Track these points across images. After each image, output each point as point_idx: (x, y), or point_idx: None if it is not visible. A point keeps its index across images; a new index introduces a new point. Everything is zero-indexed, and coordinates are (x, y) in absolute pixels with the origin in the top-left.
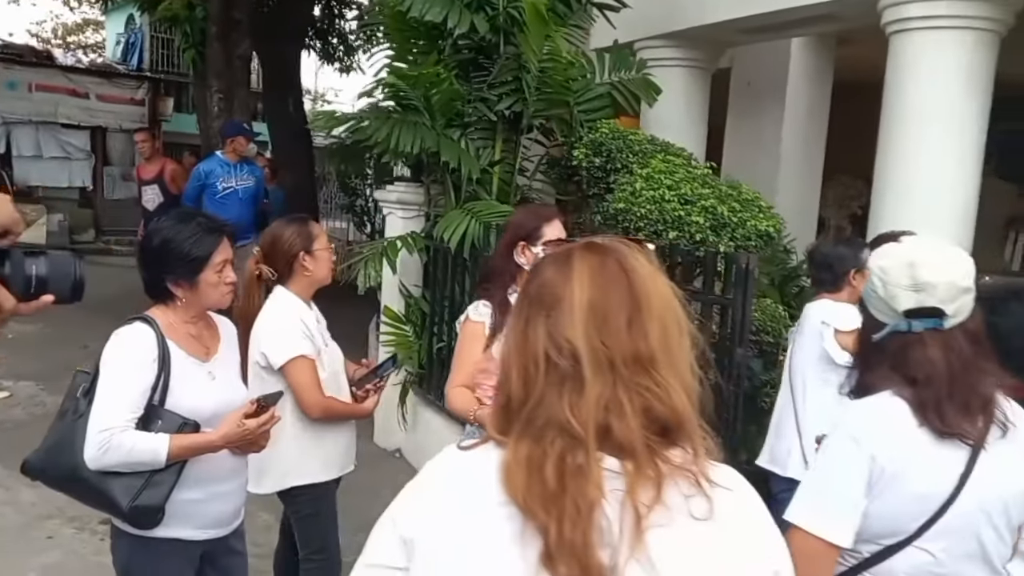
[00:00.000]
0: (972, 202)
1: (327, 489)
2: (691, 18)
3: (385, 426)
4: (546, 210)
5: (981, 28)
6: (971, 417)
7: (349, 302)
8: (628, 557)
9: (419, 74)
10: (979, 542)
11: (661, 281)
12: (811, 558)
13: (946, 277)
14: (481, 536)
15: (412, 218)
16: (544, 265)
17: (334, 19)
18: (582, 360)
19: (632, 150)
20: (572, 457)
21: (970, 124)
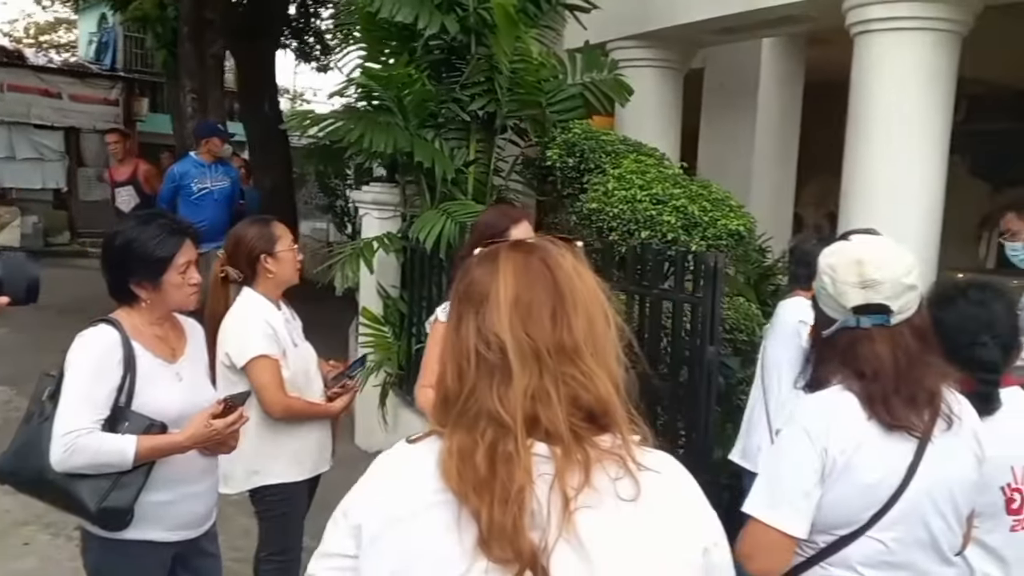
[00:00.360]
0: (938, 200)
1: (297, 489)
2: (661, 19)
3: (365, 427)
4: (514, 211)
5: (941, 29)
6: (917, 410)
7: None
8: (557, 538)
9: (390, 75)
10: (928, 531)
11: (586, 276)
12: (768, 548)
13: (891, 274)
14: (420, 523)
15: (388, 219)
16: (473, 265)
17: (310, 18)
18: (509, 353)
19: (605, 150)
20: (502, 445)
21: (933, 122)
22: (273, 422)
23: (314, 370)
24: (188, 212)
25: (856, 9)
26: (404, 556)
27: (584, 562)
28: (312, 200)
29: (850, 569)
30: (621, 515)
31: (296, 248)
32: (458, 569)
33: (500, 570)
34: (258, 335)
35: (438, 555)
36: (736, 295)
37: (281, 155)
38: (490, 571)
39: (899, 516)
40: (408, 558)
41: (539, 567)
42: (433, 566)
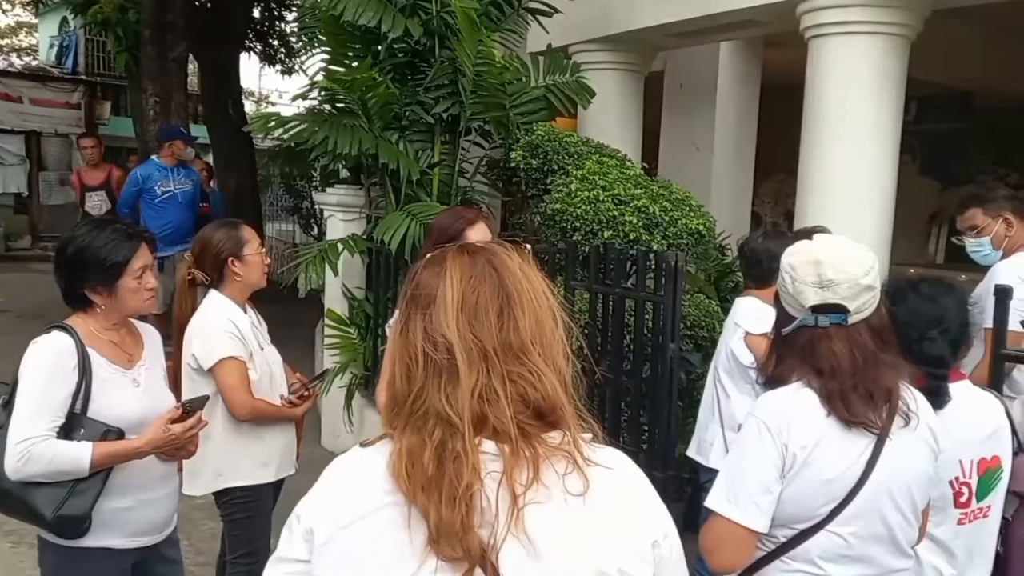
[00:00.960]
0: (890, 197)
1: (263, 492)
2: (622, 23)
3: (332, 429)
4: (469, 212)
5: (891, 33)
6: (875, 407)
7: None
8: (506, 534)
9: (354, 78)
10: (886, 525)
11: (534, 276)
12: (730, 543)
13: (848, 275)
14: (370, 525)
15: (353, 220)
16: (422, 267)
17: (274, 21)
18: (456, 353)
19: (568, 152)
20: (450, 444)
21: (884, 123)
22: (239, 424)
23: (279, 374)
24: (152, 215)
25: (810, 14)
26: (355, 558)
27: (533, 558)
28: (277, 202)
29: (810, 563)
30: (570, 510)
31: (264, 252)
32: (408, 569)
33: (450, 569)
34: (225, 337)
35: (388, 556)
36: (697, 292)
37: (246, 158)
38: (440, 570)
39: (857, 511)
40: (359, 560)
41: (488, 564)
42: (384, 567)
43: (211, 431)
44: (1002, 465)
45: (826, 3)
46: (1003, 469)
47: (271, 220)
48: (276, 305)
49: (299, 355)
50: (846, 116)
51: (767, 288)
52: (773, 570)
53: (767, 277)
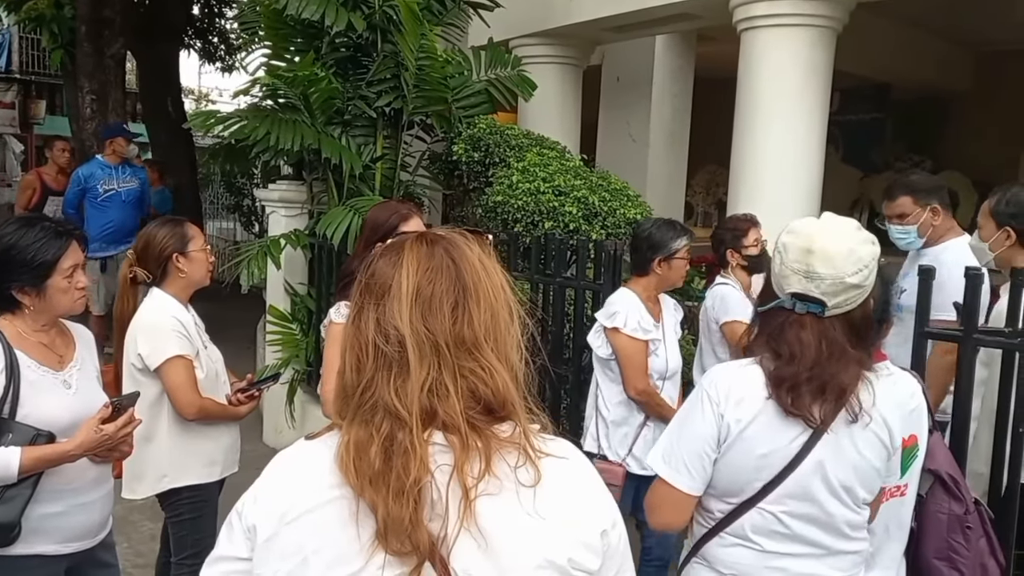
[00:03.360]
0: (816, 186)
1: (210, 491)
2: (561, 17)
3: (274, 425)
4: (403, 206)
5: (819, 25)
6: (822, 401)
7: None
8: (458, 527)
9: (296, 73)
10: (823, 510)
11: (492, 269)
12: (669, 503)
13: (835, 273)
14: (316, 520)
15: (295, 216)
16: (377, 256)
17: (214, 17)
18: (407, 346)
19: (509, 144)
20: (398, 437)
21: (811, 113)
22: (186, 424)
23: (222, 371)
24: (94, 215)
25: (742, 7)
26: (300, 554)
27: (484, 550)
28: (218, 200)
29: (744, 537)
30: (522, 502)
31: (209, 249)
32: (356, 564)
33: (398, 563)
34: (172, 336)
35: (335, 551)
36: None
37: (185, 155)
38: (388, 565)
39: (789, 491)
40: (305, 556)
41: (438, 558)
42: (330, 562)
43: (156, 432)
44: (919, 444)
45: None
46: (919, 447)
47: (212, 218)
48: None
49: (241, 353)
50: (776, 106)
51: (645, 276)
52: (715, 546)
53: (644, 265)
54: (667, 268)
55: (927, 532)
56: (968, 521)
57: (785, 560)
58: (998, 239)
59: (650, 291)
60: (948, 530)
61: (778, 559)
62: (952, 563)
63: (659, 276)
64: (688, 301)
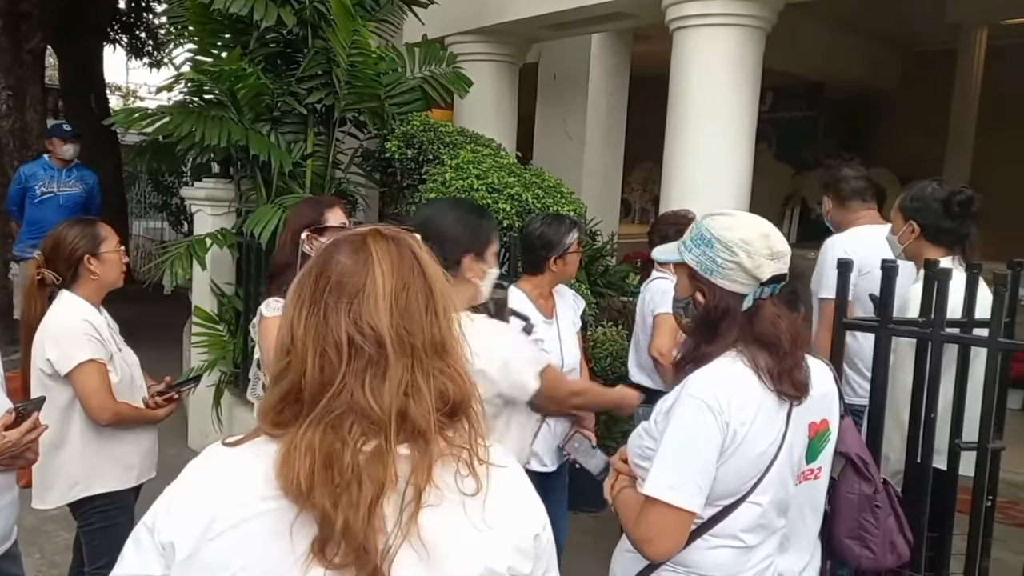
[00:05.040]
0: (746, 182)
1: (125, 498)
2: (496, 14)
3: (200, 428)
4: (326, 198)
5: (748, 25)
6: (804, 374)
7: (164, 304)
8: (400, 539)
9: (222, 69)
10: (787, 490)
11: (439, 268)
12: (671, 529)
13: (785, 245)
14: (246, 533)
15: (222, 215)
16: (337, 251)
17: (141, 12)
18: (387, 346)
19: (443, 142)
20: (369, 443)
21: (741, 111)
22: (100, 429)
23: (138, 375)
24: (30, 215)
25: (674, 6)
26: (227, 570)
27: (425, 562)
28: (145, 199)
29: (732, 537)
30: (463, 511)
31: (122, 250)
32: None
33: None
34: (84, 339)
35: (266, 566)
36: None
37: (109, 153)
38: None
39: (772, 479)
40: (232, 572)
41: (379, 573)
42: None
43: (67, 438)
44: (830, 428)
45: None
46: (831, 432)
47: (138, 218)
48: (142, 305)
49: (168, 355)
50: (707, 104)
51: (539, 275)
52: (695, 549)
53: (539, 264)
54: (562, 264)
55: (839, 513)
56: (877, 500)
57: (752, 552)
58: (904, 232)
59: (542, 288)
60: (859, 510)
61: (750, 552)
62: (863, 541)
63: (554, 273)
64: (623, 296)
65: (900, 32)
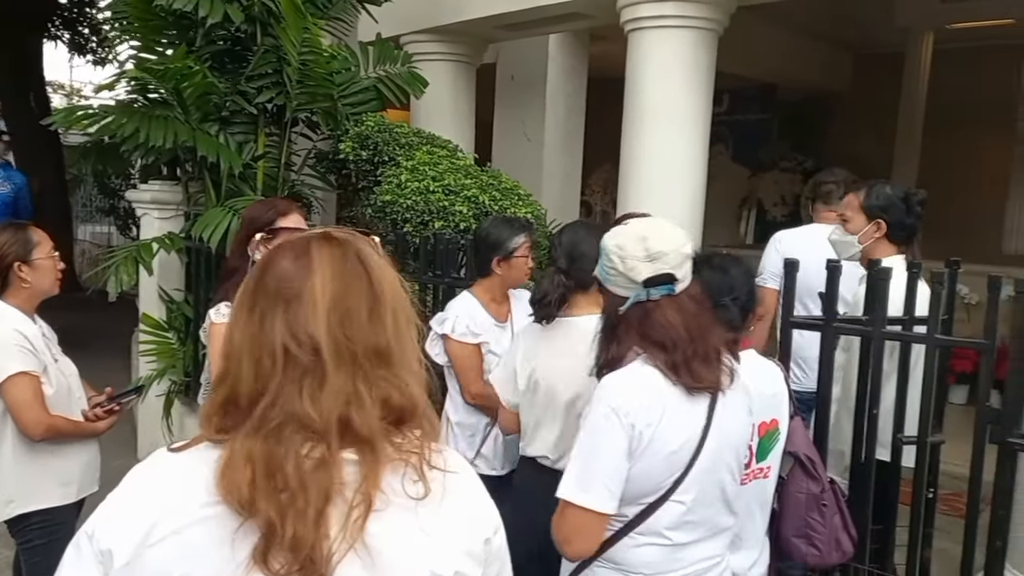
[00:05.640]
0: (701, 184)
1: (64, 514)
2: (451, 14)
3: (150, 439)
4: (281, 202)
5: (701, 27)
6: (713, 368)
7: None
8: (345, 545)
9: (167, 67)
10: (720, 485)
11: (391, 273)
12: (584, 530)
13: (673, 245)
14: (186, 541)
15: (170, 218)
16: (279, 256)
17: (83, 6)
18: (324, 354)
19: (398, 143)
20: (312, 451)
21: (695, 112)
22: (33, 444)
23: (76, 386)
24: None
25: (629, 7)
26: None
27: (369, 568)
28: (91, 203)
29: (657, 535)
30: (410, 516)
31: (56, 256)
32: None
33: None
34: (14, 351)
35: (208, 573)
36: (528, 280)
37: (51, 155)
38: None
39: (697, 476)
40: None
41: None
42: None
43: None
44: (780, 427)
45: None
46: (780, 431)
47: (84, 222)
48: (89, 313)
49: (115, 364)
50: (661, 106)
51: (488, 277)
52: (623, 547)
53: (485, 266)
54: (507, 267)
55: (787, 511)
56: (823, 499)
57: (687, 550)
58: (868, 232)
59: (494, 291)
60: (806, 509)
61: (682, 550)
62: (809, 539)
63: (501, 276)
64: None
65: (851, 35)
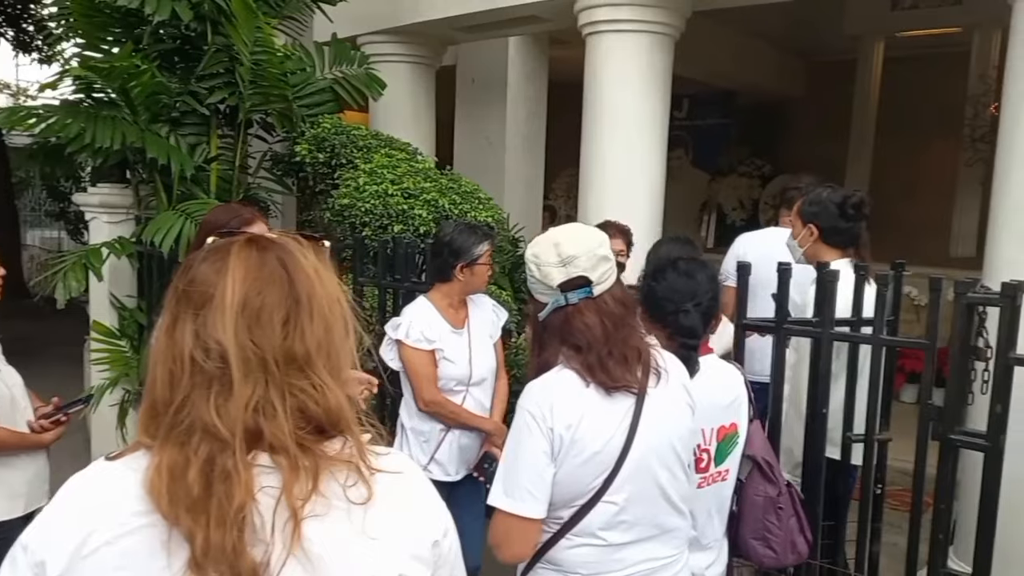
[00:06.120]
0: (659, 186)
1: (12, 529)
2: (409, 15)
3: (104, 450)
4: (245, 209)
5: (657, 32)
6: (631, 368)
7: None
8: (284, 552)
9: (112, 66)
10: (657, 484)
11: (328, 279)
12: (515, 535)
13: (585, 248)
14: (120, 551)
15: (120, 222)
16: (198, 260)
17: (28, 2)
18: (231, 361)
19: (356, 145)
20: (220, 461)
21: (653, 116)
22: None
23: (21, 396)
24: None
25: (586, 11)
26: None
27: (309, 573)
28: (40, 207)
29: (592, 535)
30: (351, 520)
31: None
32: None
33: None
34: None
35: None
36: (490, 284)
37: None
38: None
39: (628, 475)
40: None
41: None
42: None
43: None
44: (739, 431)
45: (600, 2)
46: (739, 435)
47: (33, 227)
48: (41, 321)
49: (68, 373)
50: (619, 110)
51: (447, 283)
52: (560, 549)
53: (446, 271)
54: (469, 274)
55: (745, 514)
56: (780, 502)
57: (627, 550)
58: (804, 236)
59: (452, 297)
60: (763, 511)
61: (621, 550)
62: (766, 542)
63: (462, 283)
64: None
65: (805, 42)
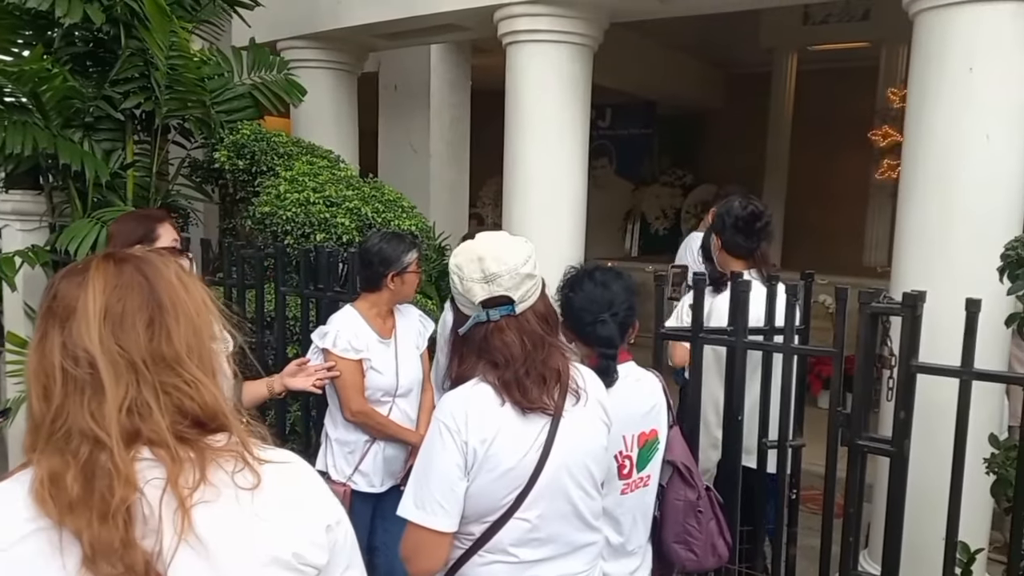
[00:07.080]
0: (581, 194)
1: None
2: (328, 20)
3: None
4: (153, 214)
5: (575, 43)
6: (548, 389)
7: None
8: (175, 540)
9: (22, 69)
10: (570, 502)
11: (193, 287)
12: (424, 548)
13: (509, 266)
14: (15, 558)
15: (33, 230)
16: (59, 278)
17: None
18: (99, 367)
19: (277, 152)
20: (98, 459)
21: (573, 125)
22: None
23: None
24: None
25: (505, 21)
26: None
27: (204, 558)
28: None
29: (503, 552)
30: (241, 505)
31: None
32: None
33: None
34: None
35: None
36: (417, 293)
37: None
38: None
39: (541, 493)
40: None
41: (155, 574)
42: None
43: None
44: (659, 437)
45: (519, 12)
46: (659, 441)
47: None
48: None
49: None
50: (540, 119)
51: (376, 292)
52: (472, 566)
53: (376, 281)
54: (400, 283)
55: (666, 518)
56: (699, 506)
57: (539, 567)
58: (715, 246)
59: (380, 306)
60: (684, 515)
61: (533, 567)
62: (688, 545)
63: (391, 291)
64: None
65: (722, 55)
